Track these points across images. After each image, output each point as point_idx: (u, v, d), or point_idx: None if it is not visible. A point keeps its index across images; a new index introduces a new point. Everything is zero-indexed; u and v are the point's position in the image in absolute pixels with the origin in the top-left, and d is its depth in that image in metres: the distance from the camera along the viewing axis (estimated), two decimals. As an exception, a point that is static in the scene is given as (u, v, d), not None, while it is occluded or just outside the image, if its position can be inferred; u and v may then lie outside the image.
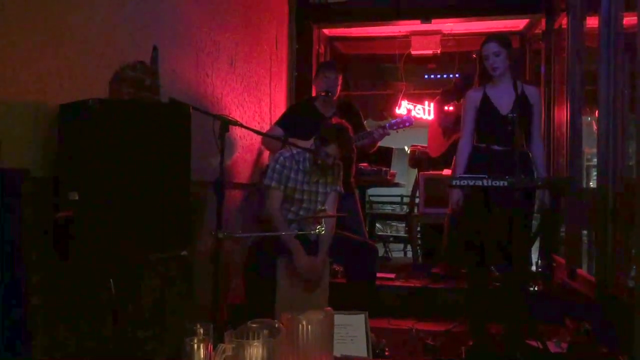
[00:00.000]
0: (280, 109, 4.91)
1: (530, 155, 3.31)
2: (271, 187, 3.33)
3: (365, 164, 5.31)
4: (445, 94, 5.05)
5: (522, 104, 3.19)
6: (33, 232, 2.08)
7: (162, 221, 2.18)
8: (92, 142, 2.05)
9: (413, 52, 6.18)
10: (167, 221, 2.19)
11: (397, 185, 6.04)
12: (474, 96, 3.41)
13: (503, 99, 3.28)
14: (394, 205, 10.08)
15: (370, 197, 8.62)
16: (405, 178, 9.04)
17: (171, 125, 2.21)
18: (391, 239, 6.76)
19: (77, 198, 1.98)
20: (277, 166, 3.34)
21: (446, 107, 4.89)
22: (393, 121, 4.00)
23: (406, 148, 8.67)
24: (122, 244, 2.11)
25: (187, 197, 2.27)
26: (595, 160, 3.65)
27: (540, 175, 3.26)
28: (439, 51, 6.16)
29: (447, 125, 4.57)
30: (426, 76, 7.23)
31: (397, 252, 7.39)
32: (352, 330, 2.65)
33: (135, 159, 2.12)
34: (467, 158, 3.39)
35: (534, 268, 4.31)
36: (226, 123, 2.60)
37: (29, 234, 2.04)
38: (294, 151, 3.35)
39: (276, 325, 1.56)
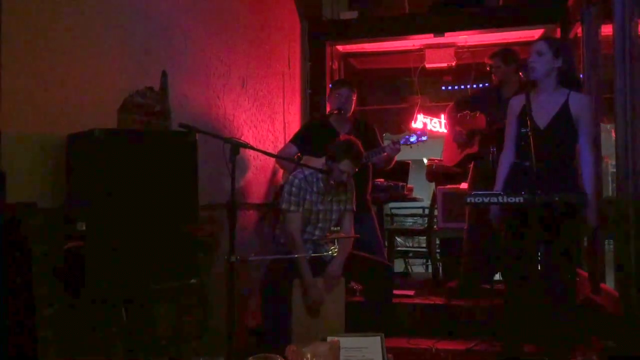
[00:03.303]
0: (294, 127, 4.90)
1: (580, 169, 3.03)
2: (290, 210, 3.31)
3: (381, 180, 5.26)
4: (459, 103, 4.85)
5: (562, 116, 2.98)
6: (43, 265, 2.08)
7: (170, 250, 2.18)
8: (99, 172, 2.05)
9: (427, 66, 6.14)
10: (175, 250, 2.19)
11: (414, 200, 5.97)
12: (515, 105, 3.16)
13: (543, 110, 3.00)
14: (415, 218, 9.99)
15: (392, 210, 8.56)
16: (426, 191, 8.96)
17: (178, 153, 2.22)
18: (410, 254, 6.67)
19: (84, 228, 1.98)
20: (294, 189, 3.33)
21: (459, 115, 4.69)
22: (406, 136, 3.93)
23: (425, 160, 8.60)
24: (131, 274, 2.10)
25: (195, 225, 2.26)
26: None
27: (587, 192, 2.91)
28: (453, 64, 6.12)
29: (460, 139, 4.43)
30: (443, 88, 7.19)
31: (420, 266, 7.29)
32: (367, 353, 2.60)
33: (143, 188, 2.12)
34: (506, 173, 3.16)
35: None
36: (236, 146, 2.59)
37: (39, 266, 2.05)
38: (307, 172, 3.34)
39: (280, 360, 1.53)
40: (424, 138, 3.91)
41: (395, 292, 4.25)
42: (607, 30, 3.77)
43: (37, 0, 2.13)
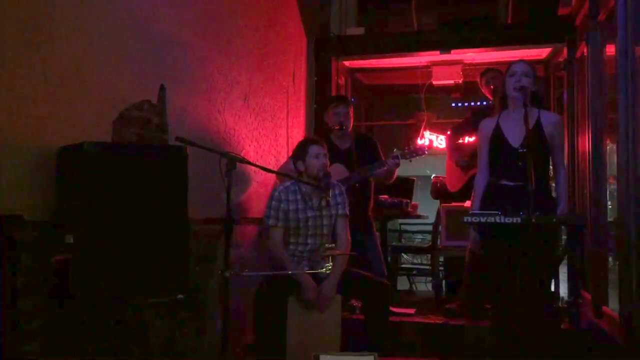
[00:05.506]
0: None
1: (554, 189, 3.14)
2: (270, 225, 3.31)
3: (385, 196, 5.23)
4: (457, 128, 4.91)
5: (536, 135, 3.02)
6: (31, 278, 2.07)
7: (158, 265, 2.17)
8: (89, 185, 2.05)
9: (434, 82, 6.11)
10: (164, 265, 2.18)
11: (418, 217, 5.92)
12: (486, 126, 3.25)
13: (516, 129, 3.05)
14: (424, 234, 9.90)
15: (402, 226, 8.50)
16: (433, 208, 8.88)
17: (168, 166, 2.21)
18: (414, 271, 6.60)
19: (71, 241, 1.97)
20: (273, 202, 3.33)
21: (460, 140, 4.71)
22: (406, 150, 3.90)
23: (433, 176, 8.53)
24: (119, 288, 2.09)
25: (184, 240, 2.25)
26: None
27: (562, 212, 3.03)
28: (460, 81, 6.08)
29: (463, 162, 4.45)
30: (453, 105, 7.16)
31: (427, 283, 7.20)
32: (360, 373, 2.56)
33: (132, 201, 2.12)
34: (483, 194, 3.22)
35: (560, 304, 4.15)
36: (232, 160, 2.58)
37: (26, 279, 2.04)
38: (288, 183, 3.34)
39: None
40: (422, 152, 3.89)
41: (396, 310, 4.21)
42: (612, 50, 3.74)
43: (32, 11, 2.14)
